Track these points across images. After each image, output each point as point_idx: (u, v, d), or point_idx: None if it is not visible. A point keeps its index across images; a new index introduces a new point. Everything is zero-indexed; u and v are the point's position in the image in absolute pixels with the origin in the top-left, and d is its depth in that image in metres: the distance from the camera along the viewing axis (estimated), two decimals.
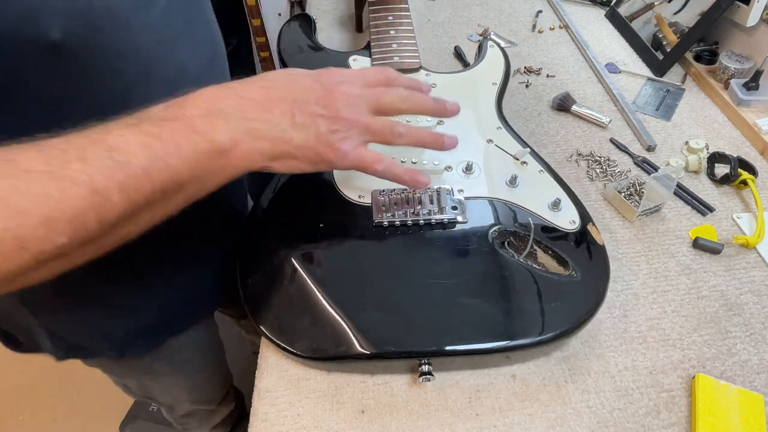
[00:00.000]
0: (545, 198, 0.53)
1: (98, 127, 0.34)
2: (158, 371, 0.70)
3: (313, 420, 0.45)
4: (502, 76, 0.68)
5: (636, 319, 0.51)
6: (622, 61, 0.83)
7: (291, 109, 0.41)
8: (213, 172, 0.38)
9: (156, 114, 0.36)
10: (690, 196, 0.62)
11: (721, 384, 0.45)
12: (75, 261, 0.34)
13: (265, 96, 0.40)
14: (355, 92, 0.43)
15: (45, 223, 0.30)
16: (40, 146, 0.31)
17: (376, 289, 0.46)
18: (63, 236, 0.31)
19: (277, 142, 0.40)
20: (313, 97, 0.42)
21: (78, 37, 0.36)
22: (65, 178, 0.30)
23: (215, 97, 0.39)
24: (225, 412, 0.96)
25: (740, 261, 0.56)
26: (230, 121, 0.38)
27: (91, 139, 0.33)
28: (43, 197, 0.30)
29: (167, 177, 0.35)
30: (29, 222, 0.29)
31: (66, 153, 0.31)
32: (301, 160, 0.42)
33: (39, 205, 0.29)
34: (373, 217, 0.51)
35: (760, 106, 0.71)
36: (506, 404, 0.45)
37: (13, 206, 0.29)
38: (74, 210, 0.31)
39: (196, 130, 0.36)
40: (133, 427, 1.27)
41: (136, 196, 0.33)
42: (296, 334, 0.45)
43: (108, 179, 0.32)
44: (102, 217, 0.32)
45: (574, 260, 0.49)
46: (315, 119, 0.41)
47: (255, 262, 0.49)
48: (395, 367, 0.47)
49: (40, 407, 1.38)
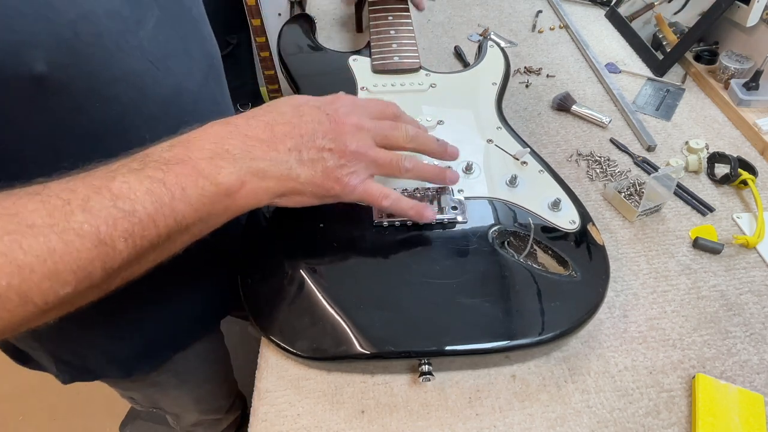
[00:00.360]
0: (545, 198, 0.53)
1: (101, 171, 0.34)
2: (164, 384, 0.70)
3: (313, 420, 0.45)
4: (502, 76, 0.68)
5: (636, 319, 0.51)
6: (622, 61, 0.83)
7: (297, 145, 0.40)
8: (218, 213, 0.38)
9: (160, 156, 0.36)
10: (690, 196, 0.62)
11: (721, 384, 0.45)
12: (79, 305, 0.34)
13: (271, 134, 0.40)
14: (363, 124, 0.43)
15: (50, 277, 0.30)
16: (42, 196, 0.31)
17: (376, 289, 0.46)
18: (68, 287, 0.31)
19: (283, 180, 0.40)
20: (320, 130, 0.41)
21: (65, 67, 0.36)
22: (69, 231, 0.30)
23: (220, 137, 0.38)
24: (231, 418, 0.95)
25: (740, 261, 0.56)
26: (236, 163, 0.37)
27: (95, 187, 0.32)
28: (48, 252, 0.29)
29: (172, 222, 0.34)
30: (33, 277, 0.29)
31: (69, 204, 0.31)
32: (307, 195, 0.42)
33: (44, 260, 0.29)
34: (373, 217, 0.51)
35: (760, 106, 0.71)
36: (506, 404, 0.45)
37: (17, 263, 0.29)
38: (79, 262, 0.31)
39: (202, 173, 0.36)
40: (133, 427, 1.27)
41: (141, 242, 0.33)
42: (296, 334, 0.45)
43: (113, 229, 0.32)
44: (107, 265, 0.32)
45: (574, 260, 0.49)
46: (322, 153, 0.41)
47: (255, 263, 0.49)
48: (395, 367, 0.47)
49: (40, 407, 1.38)
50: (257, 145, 0.39)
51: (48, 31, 0.34)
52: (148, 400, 0.76)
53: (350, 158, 0.42)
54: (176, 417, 0.85)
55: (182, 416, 0.84)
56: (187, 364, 0.69)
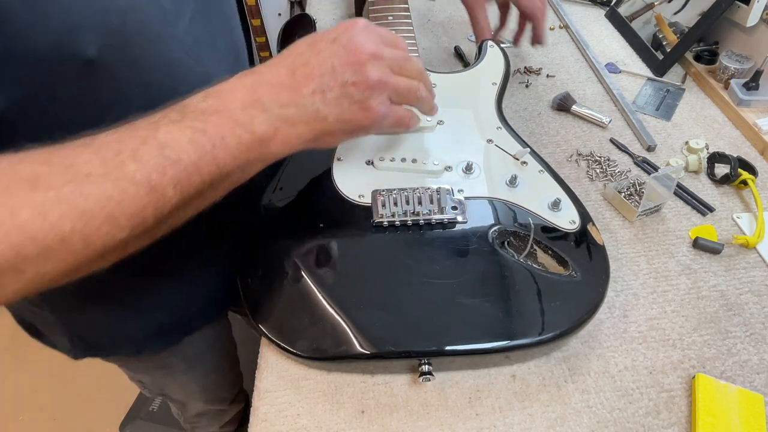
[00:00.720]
0: (545, 198, 0.53)
1: (144, 122, 0.36)
2: (173, 367, 0.71)
3: (313, 420, 0.45)
4: (502, 76, 0.67)
5: (636, 319, 0.51)
6: (622, 61, 0.83)
7: (320, 86, 0.41)
8: (255, 161, 0.39)
9: (197, 106, 0.37)
10: (690, 196, 0.62)
11: (721, 384, 0.45)
12: (131, 250, 0.36)
13: (293, 79, 0.40)
14: (381, 53, 0.43)
15: (108, 222, 0.32)
16: (94, 147, 0.33)
17: (376, 289, 0.46)
18: (124, 231, 0.33)
19: (313, 124, 0.41)
20: (339, 64, 0.41)
21: (112, 53, 0.38)
22: (123, 179, 0.32)
23: (249, 87, 0.39)
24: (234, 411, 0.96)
25: (740, 261, 0.56)
26: (266, 111, 0.39)
27: (142, 138, 0.34)
28: (106, 199, 0.32)
29: (215, 169, 0.36)
30: (94, 222, 0.31)
31: (120, 154, 0.33)
32: (339, 134, 0.43)
33: (102, 206, 0.32)
34: (373, 217, 0.51)
35: (760, 106, 0.71)
36: (506, 404, 0.45)
37: (79, 209, 0.31)
38: (134, 208, 0.33)
39: (238, 122, 0.37)
40: (133, 427, 1.27)
41: (188, 189, 0.35)
42: (296, 334, 0.45)
43: (162, 176, 0.34)
44: (158, 211, 0.34)
45: (574, 260, 0.49)
46: (346, 89, 0.41)
47: (255, 262, 0.49)
48: (395, 367, 0.47)
49: (40, 407, 1.38)
50: (282, 92, 0.40)
51: (101, 18, 0.36)
52: (157, 385, 0.77)
53: (374, 88, 0.42)
54: (182, 406, 0.86)
55: (188, 405, 0.85)
56: (196, 349, 0.70)
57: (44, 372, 1.44)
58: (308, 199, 0.54)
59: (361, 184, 0.53)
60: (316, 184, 0.55)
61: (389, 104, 0.44)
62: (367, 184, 0.53)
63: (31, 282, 0.31)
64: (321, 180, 0.55)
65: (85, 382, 1.42)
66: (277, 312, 0.46)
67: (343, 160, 0.56)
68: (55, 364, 1.45)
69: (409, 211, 0.51)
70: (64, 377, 1.42)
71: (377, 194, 0.52)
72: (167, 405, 1.26)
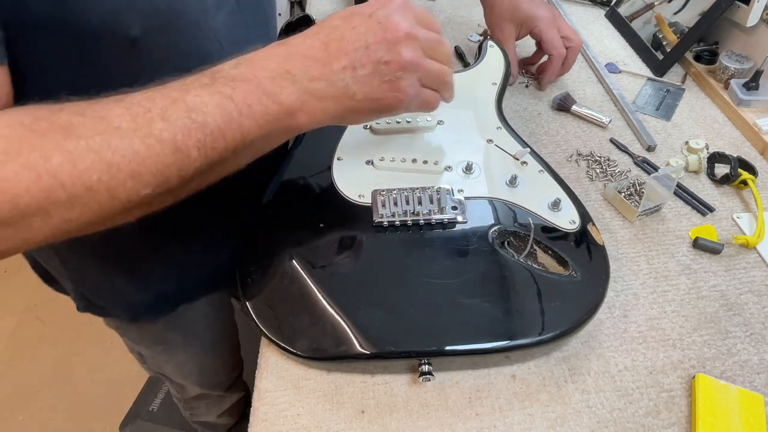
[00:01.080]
0: (545, 198, 0.53)
1: (176, 84, 0.36)
2: (172, 342, 0.72)
3: (313, 420, 0.45)
4: (502, 76, 0.68)
5: (636, 319, 0.51)
6: (622, 61, 0.83)
7: (352, 62, 0.40)
8: (279, 132, 0.40)
9: (228, 72, 0.38)
10: (690, 196, 0.62)
11: (721, 384, 0.45)
12: (155, 208, 0.37)
13: (326, 53, 0.40)
14: (415, 33, 0.42)
15: (133, 177, 0.33)
16: (126, 103, 0.34)
17: (376, 289, 0.46)
18: (148, 188, 0.34)
19: (341, 100, 0.41)
20: (373, 41, 0.41)
21: (154, 35, 0.39)
22: (150, 136, 0.33)
23: (281, 58, 0.39)
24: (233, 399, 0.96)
25: (740, 261, 0.56)
26: (295, 83, 0.39)
27: (172, 99, 0.35)
28: (132, 154, 0.33)
29: (239, 136, 0.37)
30: (119, 176, 0.32)
31: (150, 112, 0.34)
32: (365, 112, 0.43)
33: (129, 160, 0.33)
34: (373, 217, 0.51)
35: (760, 106, 0.71)
36: (506, 404, 0.45)
37: (106, 161, 0.32)
38: (158, 166, 0.34)
39: (266, 92, 0.38)
40: (133, 427, 1.27)
41: (212, 153, 0.36)
42: (296, 334, 0.45)
43: (188, 138, 0.34)
44: (182, 172, 0.35)
45: (574, 260, 0.49)
46: (377, 67, 0.41)
47: (255, 262, 0.49)
48: (395, 367, 0.47)
49: (40, 407, 1.38)
50: (313, 65, 0.40)
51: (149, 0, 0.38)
52: (155, 362, 0.78)
53: (406, 69, 0.41)
54: (180, 388, 0.86)
55: (186, 387, 0.85)
56: (196, 325, 0.71)
57: (44, 372, 1.44)
58: (308, 199, 0.54)
59: (361, 184, 0.54)
60: (316, 184, 0.55)
61: (419, 86, 0.44)
62: (367, 184, 0.53)
63: (58, 227, 0.32)
64: (321, 180, 0.55)
65: (85, 382, 1.42)
66: (278, 312, 0.46)
67: (343, 160, 0.56)
68: (55, 364, 1.45)
69: (409, 211, 0.51)
70: (64, 377, 1.42)
71: (377, 194, 0.52)
72: (167, 405, 1.26)
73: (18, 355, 1.48)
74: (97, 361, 1.45)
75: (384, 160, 0.55)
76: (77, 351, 1.48)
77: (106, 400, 1.37)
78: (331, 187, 0.54)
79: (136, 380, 1.31)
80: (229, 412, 0.98)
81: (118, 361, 1.43)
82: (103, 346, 1.47)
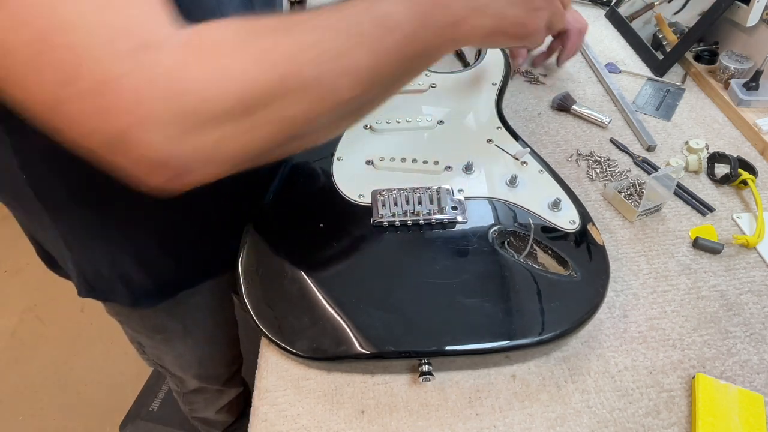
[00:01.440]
0: (545, 198, 0.53)
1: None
2: (171, 332, 0.72)
3: (313, 420, 0.45)
4: (502, 76, 0.68)
5: (636, 319, 0.51)
6: (622, 61, 0.83)
7: None
8: (438, 46, 0.41)
9: None
10: (690, 196, 0.62)
11: (721, 384, 0.45)
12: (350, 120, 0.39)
13: None
14: None
15: (347, 74, 0.34)
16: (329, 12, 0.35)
17: (376, 288, 0.46)
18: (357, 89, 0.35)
19: (495, 18, 0.42)
20: None
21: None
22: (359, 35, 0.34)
23: None
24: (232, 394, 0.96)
25: (740, 261, 0.56)
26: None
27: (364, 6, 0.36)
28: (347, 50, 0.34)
29: (420, 47, 0.38)
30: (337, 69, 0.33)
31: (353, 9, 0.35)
32: (504, 36, 0.45)
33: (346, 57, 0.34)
34: (373, 217, 0.51)
35: (760, 106, 0.71)
36: (506, 404, 0.45)
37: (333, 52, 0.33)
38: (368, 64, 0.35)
39: (440, 2, 0.39)
40: (133, 427, 1.27)
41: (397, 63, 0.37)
42: (296, 334, 0.45)
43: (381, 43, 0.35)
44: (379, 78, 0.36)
45: (574, 260, 0.49)
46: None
47: (255, 262, 0.49)
48: (395, 367, 0.47)
49: (40, 407, 1.38)
50: None
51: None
52: (155, 352, 0.78)
53: (551, 3, 0.47)
54: (179, 381, 0.86)
55: (185, 380, 0.86)
56: (196, 315, 0.72)
57: (44, 372, 1.44)
58: (308, 199, 0.54)
59: (361, 184, 0.54)
60: (316, 184, 0.55)
61: (544, 24, 0.47)
62: (367, 184, 0.53)
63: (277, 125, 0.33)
64: (321, 180, 0.55)
65: (85, 382, 1.42)
66: (278, 312, 0.46)
67: (343, 160, 0.56)
68: (55, 364, 1.45)
69: (409, 211, 0.51)
70: (64, 377, 1.42)
71: (377, 194, 0.52)
72: (167, 405, 1.26)
73: (18, 355, 1.48)
74: (97, 361, 1.45)
75: (384, 159, 0.55)
76: (77, 351, 1.48)
77: (106, 400, 1.36)
78: (331, 187, 0.54)
79: (136, 380, 1.31)
80: (227, 408, 0.98)
81: (118, 361, 1.43)
82: (103, 346, 1.47)
